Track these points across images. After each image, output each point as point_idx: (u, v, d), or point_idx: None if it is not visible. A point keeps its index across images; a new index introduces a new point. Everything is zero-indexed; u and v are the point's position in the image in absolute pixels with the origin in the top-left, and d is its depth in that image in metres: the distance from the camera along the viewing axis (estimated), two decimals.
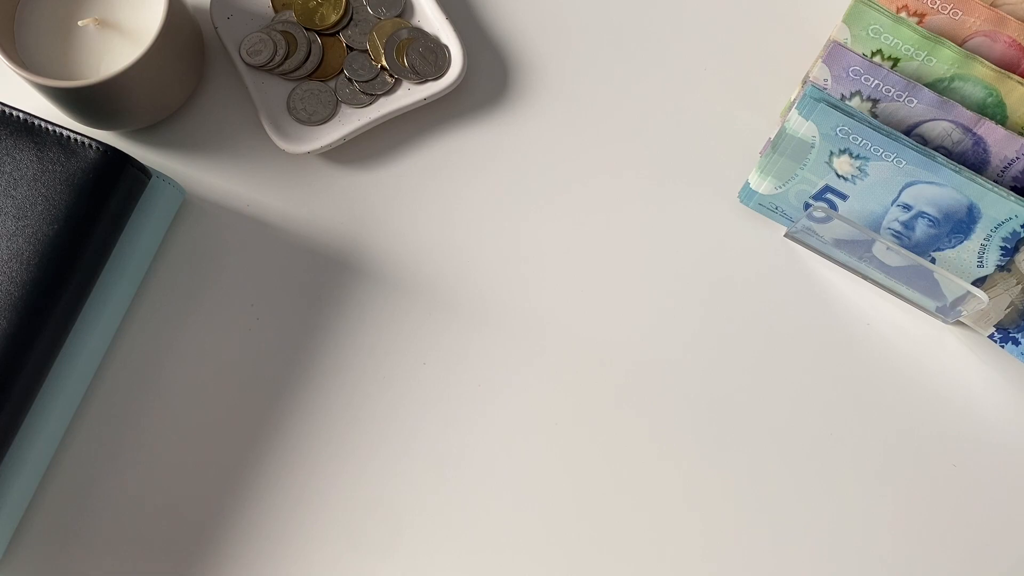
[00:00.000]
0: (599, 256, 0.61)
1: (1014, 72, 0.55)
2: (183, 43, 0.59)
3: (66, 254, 0.54)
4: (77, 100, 0.57)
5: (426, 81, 0.61)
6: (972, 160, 0.55)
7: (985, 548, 0.57)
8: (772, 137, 0.58)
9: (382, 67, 0.62)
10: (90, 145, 0.55)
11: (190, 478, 0.58)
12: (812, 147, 0.56)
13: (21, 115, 0.55)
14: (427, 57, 0.61)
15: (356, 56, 0.62)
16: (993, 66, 0.54)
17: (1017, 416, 0.59)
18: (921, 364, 0.59)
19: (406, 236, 0.61)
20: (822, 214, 0.55)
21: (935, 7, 0.56)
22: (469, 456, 0.58)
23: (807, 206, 0.58)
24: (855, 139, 0.54)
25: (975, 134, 0.55)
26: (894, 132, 0.54)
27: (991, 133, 0.54)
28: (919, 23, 0.56)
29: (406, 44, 0.62)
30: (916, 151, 0.54)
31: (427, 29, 0.62)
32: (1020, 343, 0.57)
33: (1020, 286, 0.56)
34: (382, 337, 0.60)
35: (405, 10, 0.63)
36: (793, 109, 0.55)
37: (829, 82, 0.56)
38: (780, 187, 0.58)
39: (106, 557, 0.57)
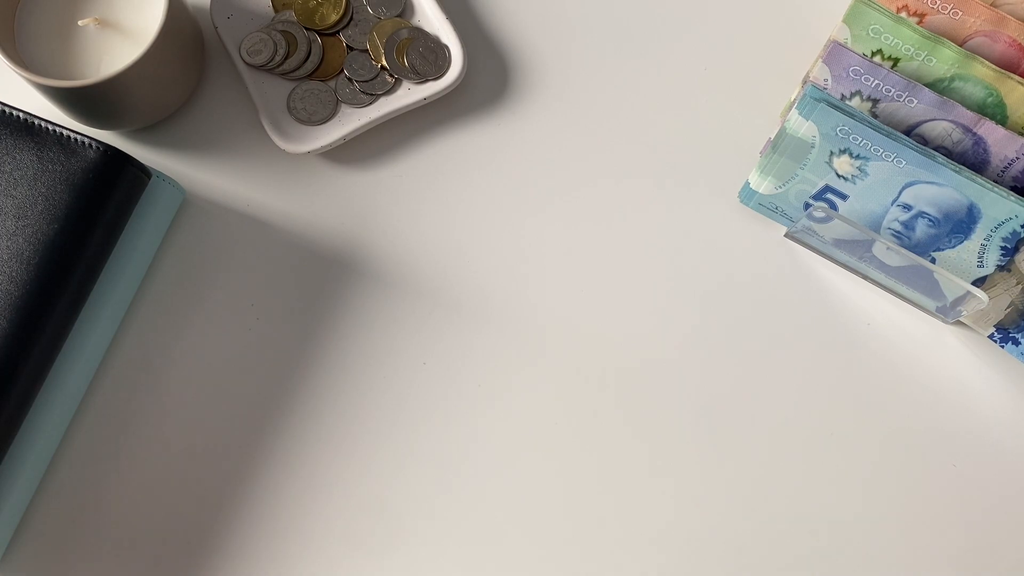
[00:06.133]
0: (599, 256, 0.61)
1: (1014, 72, 0.55)
2: (183, 43, 0.59)
3: (66, 254, 0.54)
4: (77, 100, 0.57)
5: (426, 81, 0.61)
6: (972, 160, 0.55)
7: (985, 548, 0.57)
8: (772, 137, 0.58)
9: (382, 67, 0.62)
10: (90, 145, 0.55)
11: (190, 478, 0.58)
12: (812, 147, 0.56)
13: (21, 115, 0.55)
14: (427, 57, 0.61)
15: (356, 56, 0.62)
16: (993, 66, 0.54)
17: (1017, 416, 0.59)
18: (921, 364, 0.59)
19: (406, 236, 0.61)
20: (822, 214, 0.55)
21: (935, 7, 0.56)
22: (469, 456, 0.58)
23: (807, 206, 0.58)
24: (855, 139, 0.54)
25: (975, 134, 0.55)
26: (894, 132, 0.54)
27: (991, 133, 0.54)
28: (919, 23, 0.56)
29: (406, 44, 0.62)
30: (916, 151, 0.54)
31: (427, 29, 0.62)
32: (1020, 343, 0.57)
33: (1020, 286, 0.56)
34: (382, 337, 0.60)
35: (405, 10, 0.63)
36: (793, 109, 0.55)
37: (829, 82, 0.56)
38: (780, 187, 0.58)
39: (106, 557, 0.57)
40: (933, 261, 0.56)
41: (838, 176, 0.56)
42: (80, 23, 0.58)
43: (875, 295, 0.60)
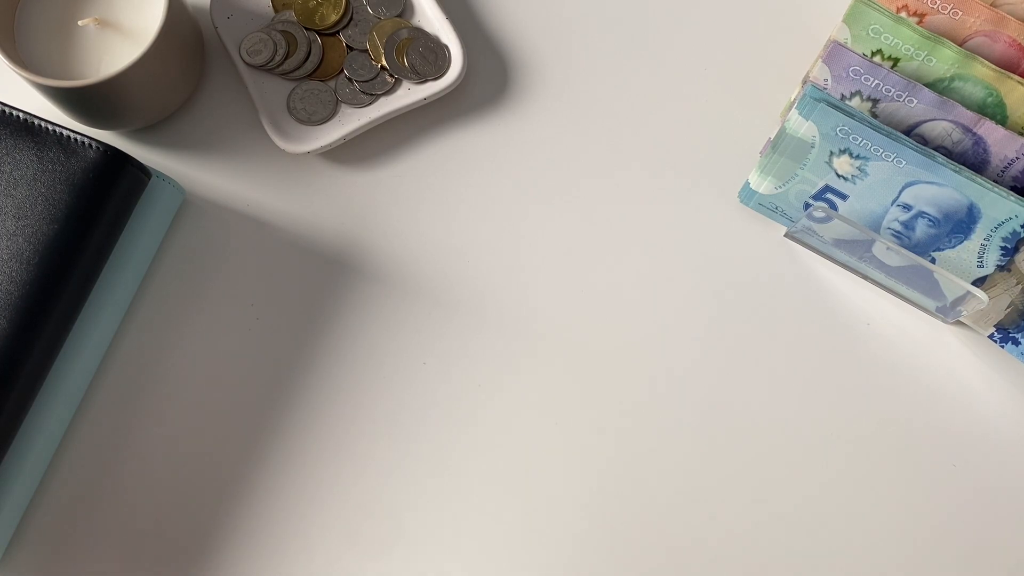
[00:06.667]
0: (599, 256, 0.61)
1: (1014, 72, 0.55)
2: (183, 43, 0.59)
3: (66, 254, 0.54)
4: (77, 100, 0.57)
5: (426, 81, 0.61)
6: (972, 160, 0.55)
7: (985, 548, 0.57)
8: (772, 137, 0.58)
9: (382, 67, 0.62)
10: (90, 145, 0.55)
11: (190, 478, 0.58)
12: (812, 147, 0.56)
13: (21, 115, 0.55)
14: (427, 57, 0.61)
15: (356, 56, 0.62)
16: (993, 66, 0.54)
17: (1017, 416, 0.59)
18: (921, 364, 0.59)
19: (406, 236, 0.61)
20: (822, 214, 0.55)
21: (935, 7, 0.56)
22: (469, 456, 0.58)
23: (807, 206, 0.58)
24: (855, 139, 0.54)
25: (975, 134, 0.55)
26: (894, 132, 0.54)
27: (991, 133, 0.54)
28: (919, 23, 0.56)
29: (406, 44, 0.62)
30: (916, 151, 0.54)
31: (427, 29, 0.62)
32: (1020, 343, 0.57)
33: (1020, 286, 0.56)
34: (382, 337, 0.60)
35: (405, 10, 0.63)
36: (793, 109, 0.55)
37: (829, 82, 0.56)
38: (780, 187, 0.58)
39: (106, 557, 0.57)
40: (933, 261, 0.56)
41: (838, 176, 0.56)
42: (80, 23, 0.58)
43: (875, 295, 0.60)
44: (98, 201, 0.55)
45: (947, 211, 0.54)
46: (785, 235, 0.60)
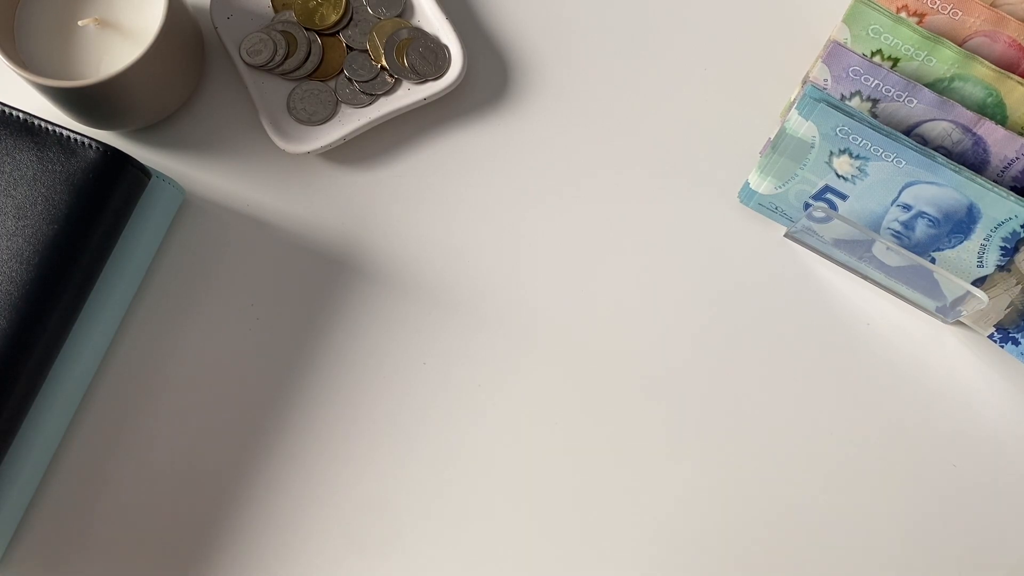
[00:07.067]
0: (598, 256, 0.61)
1: (1014, 72, 0.55)
2: (183, 43, 0.59)
3: (66, 254, 0.54)
4: (77, 100, 0.57)
5: (426, 81, 0.61)
6: (972, 160, 0.55)
7: (985, 548, 0.57)
8: (772, 137, 0.58)
9: (382, 67, 0.62)
10: (90, 145, 0.55)
11: (190, 478, 0.58)
12: (812, 147, 0.56)
13: (21, 115, 0.55)
14: (427, 57, 0.61)
15: (356, 56, 0.62)
16: (993, 66, 0.54)
17: (1017, 416, 0.59)
18: (921, 364, 0.59)
19: (406, 236, 0.61)
20: (822, 214, 0.55)
21: (935, 7, 0.56)
22: (469, 456, 0.58)
23: (807, 206, 0.58)
24: (855, 139, 0.54)
25: (975, 134, 0.55)
26: (894, 132, 0.54)
27: (991, 133, 0.54)
28: (919, 23, 0.56)
29: (406, 44, 0.62)
30: (916, 151, 0.54)
31: (427, 29, 0.62)
32: (1020, 343, 0.57)
33: (1020, 286, 0.56)
34: (382, 337, 0.60)
35: (405, 10, 0.63)
36: (793, 109, 0.55)
37: (829, 82, 0.56)
38: (780, 187, 0.58)
39: (106, 557, 0.57)
40: (933, 261, 0.56)
41: (838, 176, 0.56)
42: (80, 23, 0.58)
43: (875, 295, 0.60)
44: (98, 201, 0.55)
45: (947, 211, 0.54)
46: (785, 235, 0.60)
